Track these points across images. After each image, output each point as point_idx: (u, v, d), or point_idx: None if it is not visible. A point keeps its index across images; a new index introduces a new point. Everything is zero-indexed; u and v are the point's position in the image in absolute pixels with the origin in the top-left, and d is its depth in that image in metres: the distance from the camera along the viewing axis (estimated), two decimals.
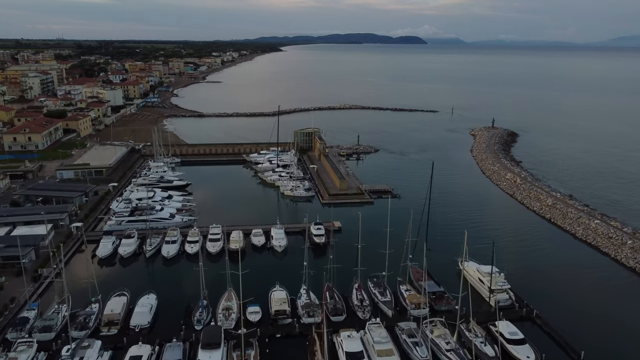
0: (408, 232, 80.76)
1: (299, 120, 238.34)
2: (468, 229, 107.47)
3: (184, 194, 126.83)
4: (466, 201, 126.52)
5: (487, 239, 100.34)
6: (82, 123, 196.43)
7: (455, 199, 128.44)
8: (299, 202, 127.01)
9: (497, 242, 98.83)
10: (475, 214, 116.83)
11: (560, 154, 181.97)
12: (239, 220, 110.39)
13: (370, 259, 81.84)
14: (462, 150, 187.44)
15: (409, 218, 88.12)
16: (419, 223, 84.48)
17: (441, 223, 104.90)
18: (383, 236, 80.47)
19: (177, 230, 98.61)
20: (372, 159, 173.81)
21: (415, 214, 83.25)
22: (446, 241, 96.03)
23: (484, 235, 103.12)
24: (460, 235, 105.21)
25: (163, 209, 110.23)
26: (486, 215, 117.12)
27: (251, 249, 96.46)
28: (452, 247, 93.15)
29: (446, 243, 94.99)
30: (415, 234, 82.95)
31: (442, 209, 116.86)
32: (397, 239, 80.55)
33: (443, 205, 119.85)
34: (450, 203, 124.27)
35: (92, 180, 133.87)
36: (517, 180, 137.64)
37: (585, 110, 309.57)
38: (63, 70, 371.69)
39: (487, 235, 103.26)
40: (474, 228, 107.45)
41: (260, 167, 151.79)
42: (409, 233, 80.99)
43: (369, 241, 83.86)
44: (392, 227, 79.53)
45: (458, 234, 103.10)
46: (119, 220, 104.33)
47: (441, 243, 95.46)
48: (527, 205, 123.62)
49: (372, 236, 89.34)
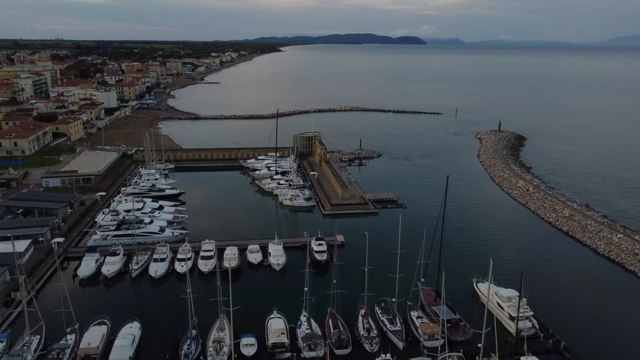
0: (420, 253, 73.20)
1: (299, 123, 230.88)
2: (480, 243, 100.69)
3: (176, 204, 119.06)
4: (476, 212, 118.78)
5: (502, 256, 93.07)
6: (72, 126, 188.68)
7: (465, 209, 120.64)
8: (299, 212, 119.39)
9: (512, 259, 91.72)
10: (487, 227, 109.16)
11: (571, 159, 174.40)
12: (234, 233, 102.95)
13: (376, 280, 74.16)
14: (468, 155, 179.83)
15: (418, 233, 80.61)
16: (431, 240, 76.36)
17: (450, 237, 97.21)
18: (391, 255, 72.98)
19: (167, 247, 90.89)
20: (375, 164, 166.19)
21: (424, 229, 75.19)
22: (457, 257, 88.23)
23: (499, 252, 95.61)
24: (472, 250, 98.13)
25: (152, 222, 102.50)
26: (499, 228, 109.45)
27: (247, 267, 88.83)
28: (463, 265, 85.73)
29: (457, 259, 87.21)
30: (427, 252, 74.85)
31: (452, 222, 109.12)
32: (406, 256, 72.67)
33: (453, 217, 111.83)
34: (460, 214, 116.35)
35: (79, 189, 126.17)
36: (530, 188, 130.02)
37: (592, 111, 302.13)
38: (57, 71, 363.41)
39: (502, 252, 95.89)
40: (486, 243, 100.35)
41: (258, 174, 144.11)
42: (421, 254, 73.36)
43: (376, 260, 76.24)
44: (400, 244, 71.95)
45: (469, 249, 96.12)
46: (104, 235, 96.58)
47: (451, 259, 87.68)
48: (541, 216, 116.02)
49: (379, 254, 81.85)
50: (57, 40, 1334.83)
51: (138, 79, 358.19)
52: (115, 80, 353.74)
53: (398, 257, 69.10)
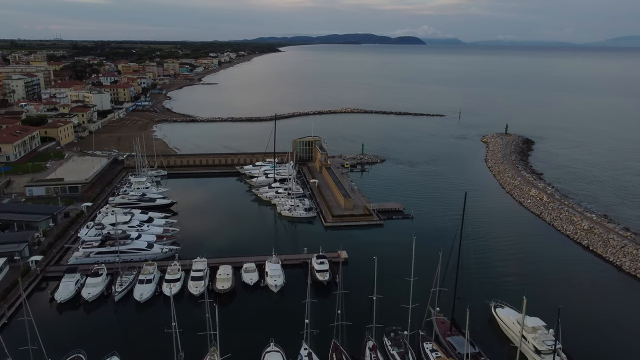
0: (435, 278, 65.21)
1: (298, 125, 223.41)
2: (495, 262, 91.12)
3: (167, 216, 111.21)
4: (489, 225, 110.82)
5: (520, 277, 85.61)
6: (62, 130, 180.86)
7: (476, 222, 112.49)
8: (299, 223, 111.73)
9: (532, 281, 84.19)
10: (502, 242, 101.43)
11: (582, 164, 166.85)
12: (229, 249, 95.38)
13: (384, 306, 66.23)
14: (475, 160, 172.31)
15: (429, 251, 73.44)
16: (446, 262, 68.58)
17: (465, 256, 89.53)
18: (402, 281, 65.43)
19: (154, 266, 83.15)
20: (378, 170, 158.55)
21: (440, 252, 67.44)
22: (471, 276, 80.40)
23: (516, 271, 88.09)
24: (487, 269, 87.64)
25: (140, 236, 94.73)
26: (514, 242, 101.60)
27: (242, 288, 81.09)
28: (478, 285, 78.05)
29: (471, 279, 79.40)
30: (441, 275, 67.05)
31: (464, 237, 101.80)
32: (417, 280, 64.89)
33: (464, 231, 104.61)
34: (472, 227, 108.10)
35: (65, 198, 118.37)
36: (544, 197, 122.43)
37: (598, 113, 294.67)
38: (51, 71, 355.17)
39: (519, 271, 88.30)
40: (501, 260, 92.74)
41: (255, 182, 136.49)
42: (437, 279, 65.42)
43: (384, 285, 68.61)
44: (408, 263, 64.34)
45: (484, 267, 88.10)
46: (86, 252, 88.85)
47: (465, 279, 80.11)
48: (558, 228, 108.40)
49: (387, 278, 74.20)
50: (56, 41, 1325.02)
51: (134, 80, 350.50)
52: (110, 81, 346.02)
53: (411, 285, 61.29)
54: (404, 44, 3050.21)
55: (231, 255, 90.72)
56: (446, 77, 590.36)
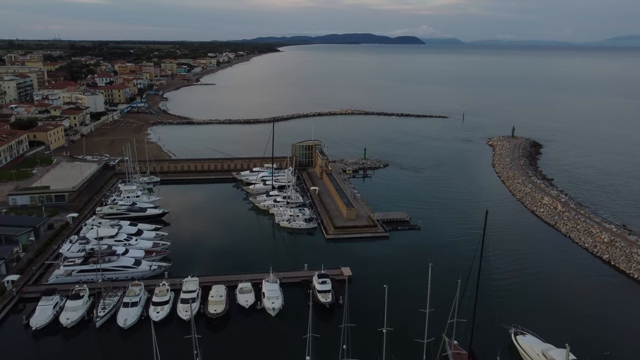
0: (453, 307, 58.29)
1: (298, 128, 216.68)
2: (511, 281, 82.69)
3: (158, 227, 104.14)
4: (501, 237, 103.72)
5: (537, 297, 78.82)
6: (52, 134, 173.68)
7: (487, 233, 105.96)
8: (298, 235, 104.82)
9: (551, 303, 77.39)
10: (517, 257, 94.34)
11: (594, 170, 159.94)
12: (223, 265, 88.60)
13: (394, 338, 59.49)
14: (482, 165, 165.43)
15: (441, 269, 66.36)
16: (463, 287, 61.62)
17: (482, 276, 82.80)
18: (410, 303, 58.61)
19: (141, 287, 76.13)
20: (381, 175, 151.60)
21: (458, 280, 60.59)
22: (488, 301, 73.52)
23: (534, 291, 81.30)
24: (503, 289, 78.97)
25: (127, 252, 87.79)
26: (530, 258, 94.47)
27: (236, 311, 74.13)
28: (496, 310, 71.04)
29: (488, 303, 72.52)
30: (458, 301, 60.25)
31: (470, 243, 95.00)
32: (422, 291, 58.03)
33: (472, 242, 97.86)
34: (479, 237, 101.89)
35: (50, 208, 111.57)
36: (558, 206, 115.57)
37: (603, 114, 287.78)
38: (44, 72, 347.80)
39: (537, 291, 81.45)
40: (517, 279, 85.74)
41: (253, 189, 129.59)
42: (454, 308, 58.50)
43: (394, 313, 61.70)
44: (417, 280, 57.65)
45: (500, 286, 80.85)
46: (68, 270, 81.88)
47: (481, 303, 73.27)
48: (575, 240, 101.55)
49: (397, 300, 67.22)
50: (54, 41, 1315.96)
51: (129, 80, 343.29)
52: (105, 82, 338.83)
53: (427, 317, 54.34)
54: (404, 44, 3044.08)
55: (225, 273, 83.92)
56: (446, 77, 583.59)
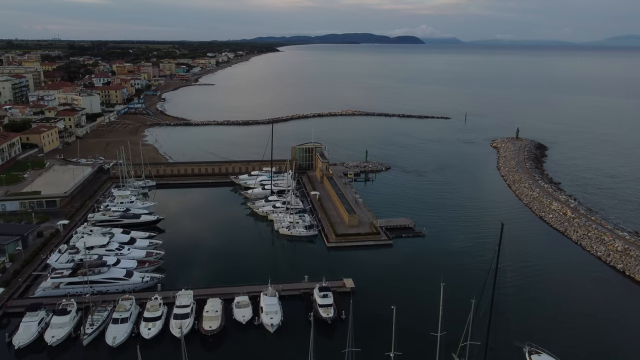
0: (466, 329, 54.13)
1: (297, 129, 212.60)
2: (521, 292, 76.90)
3: (152, 235, 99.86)
4: (508, 245, 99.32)
5: (549, 312, 74.69)
6: (46, 136, 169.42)
7: (494, 241, 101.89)
8: (298, 242, 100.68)
9: (564, 317, 73.40)
10: (526, 267, 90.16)
11: (601, 173, 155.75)
12: (219, 276, 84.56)
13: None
14: (487, 168, 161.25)
15: (449, 282, 62.30)
16: (476, 305, 57.44)
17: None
18: (418, 322, 54.43)
19: (131, 301, 71.87)
20: (383, 179, 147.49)
21: (472, 299, 56.40)
22: (501, 318, 69.32)
23: (545, 305, 77.18)
24: (514, 303, 72.29)
25: (119, 262, 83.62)
26: (540, 267, 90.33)
27: (233, 327, 69.98)
28: (507, 324, 66.98)
29: (501, 320, 68.35)
30: (471, 322, 56.08)
31: (486, 260, 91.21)
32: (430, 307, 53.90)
33: (484, 252, 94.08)
34: (490, 250, 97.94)
35: (40, 214, 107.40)
36: (567, 212, 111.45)
37: (607, 115, 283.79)
38: (41, 72, 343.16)
39: (548, 305, 77.35)
40: (527, 291, 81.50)
41: (251, 194, 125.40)
42: (467, 332, 54.32)
43: (401, 333, 57.52)
44: (426, 297, 53.45)
45: (511, 302, 76.08)
46: (55, 282, 77.69)
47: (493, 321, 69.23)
48: (587, 249, 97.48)
49: (404, 318, 63.03)
50: (53, 41, 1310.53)
51: (127, 81, 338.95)
52: (102, 82, 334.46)
53: (438, 340, 50.18)
54: (403, 44, 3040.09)
55: (221, 285, 79.80)
56: (447, 77, 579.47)
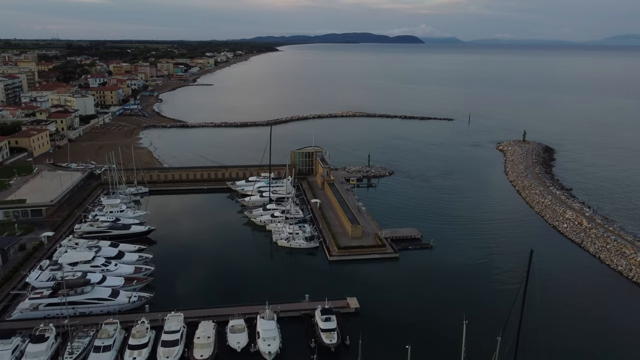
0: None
1: (297, 132, 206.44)
2: (546, 320, 66.35)
3: (142, 248, 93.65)
4: (521, 257, 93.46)
5: (577, 344, 68.57)
6: (36, 139, 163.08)
7: (507, 251, 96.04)
8: (298, 256, 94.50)
9: (591, 341, 67.32)
10: (550, 286, 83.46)
11: (613, 176, 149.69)
12: (212, 295, 78.59)
13: None
14: (494, 173, 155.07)
15: (459, 290, 56.32)
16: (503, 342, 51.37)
17: (494, 296, 72.67)
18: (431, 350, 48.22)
19: (116, 326, 65.59)
20: (387, 185, 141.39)
21: (498, 337, 50.23)
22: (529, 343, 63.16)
23: (571, 332, 71.08)
24: (537, 333, 73.12)
25: (105, 279, 77.38)
26: (562, 288, 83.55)
27: (227, 355, 63.85)
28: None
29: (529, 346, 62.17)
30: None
31: (494, 271, 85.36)
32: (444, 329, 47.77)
33: (494, 267, 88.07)
34: (503, 260, 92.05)
35: (25, 225, 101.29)
36: (583, 221, 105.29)
37: (611, 115, 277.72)
38: (35, 73, 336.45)
39: (574, 331, 71.32)
40: (554, 320, 75.17)
41: (249, 202, 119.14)
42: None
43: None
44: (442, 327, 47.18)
45: (531, 326, 69.61)
46: (34, 303, 71.43)
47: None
48: (606, 262, 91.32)
49: (415, 343, 57.03)
50: (52, 40, 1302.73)
51: (123, 81, 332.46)
52: (98, 82, 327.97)
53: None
54: (403, 43, 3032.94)
55: (215, 305, 73.61)
56: (447, 77, 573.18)
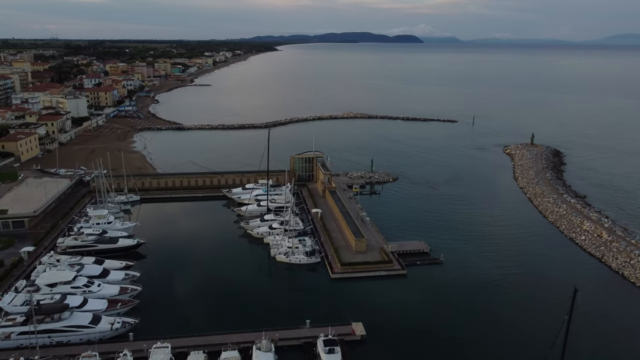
0: None
1: (296, 135, 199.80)
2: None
3: (129, 265, 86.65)
4: (542, 275, 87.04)
5: None
6: (23, 144, 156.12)
7: (523, 266, 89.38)
8: (299, 272, 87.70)
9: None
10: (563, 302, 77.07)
11: (628, 182, 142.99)
12: (204, 319, 71.61)
13: None
14: (502, 178, 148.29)
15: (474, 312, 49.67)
16: None
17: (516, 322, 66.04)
18: None
19: (95, 358, 58.85)
20: (391, 192, 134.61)
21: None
22: None
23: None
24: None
25: (86, 303, 70.51)
26: (595, 314, 76.79)
27: None
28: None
29: None
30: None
31: (513, 294, 78.63)
32: None
33: (510, 286, 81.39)
34: (519, 283, 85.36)
35: (7, 237, 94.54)
36: (603, 233, 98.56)
37: (613, 115, 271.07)
38: (28, 73, 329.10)
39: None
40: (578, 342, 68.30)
41: (246, 212, 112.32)
42: None
43: None
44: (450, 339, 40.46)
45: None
46: (6, 332, 64.52)
47: None
48: (630, 279, 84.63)
49: None
50: (50, 40, 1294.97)
51: (119, 82, 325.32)
52: (93, 83, 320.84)
53: None
54: (402, 43, 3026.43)
55: (206, 333, 66.70)
56: (447, 76, 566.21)
